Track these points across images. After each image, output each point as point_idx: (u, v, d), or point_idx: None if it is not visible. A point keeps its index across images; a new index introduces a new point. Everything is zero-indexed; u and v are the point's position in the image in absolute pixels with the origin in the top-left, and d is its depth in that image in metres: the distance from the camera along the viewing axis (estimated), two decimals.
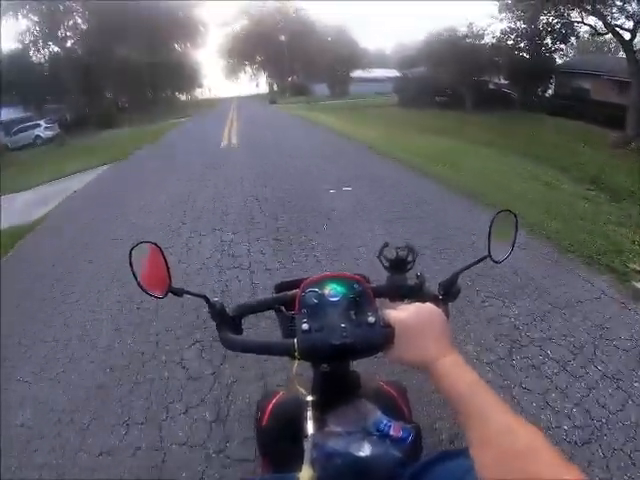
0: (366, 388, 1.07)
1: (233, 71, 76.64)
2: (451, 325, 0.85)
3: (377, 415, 0.92)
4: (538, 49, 27.46)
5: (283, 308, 1.03)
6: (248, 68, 76.21)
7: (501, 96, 29.68)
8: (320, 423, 0.92)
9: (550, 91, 29.32)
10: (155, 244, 0.95)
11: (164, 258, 0.95)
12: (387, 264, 1.10)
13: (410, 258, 1.09)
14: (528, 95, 28.98)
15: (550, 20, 26.74)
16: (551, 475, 0.55)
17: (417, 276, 1.09)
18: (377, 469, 0.83)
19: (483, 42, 28.66)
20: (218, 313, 0.98)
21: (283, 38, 58.56)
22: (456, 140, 13.93)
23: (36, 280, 5.12)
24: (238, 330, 1.02)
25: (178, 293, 0.95)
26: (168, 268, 0.95)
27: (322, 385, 1.00)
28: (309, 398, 0.98)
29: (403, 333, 0.81)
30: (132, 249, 0.92)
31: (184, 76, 52.58)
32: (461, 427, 0.67)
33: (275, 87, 71.41)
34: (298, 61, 63.82)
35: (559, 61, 29.05)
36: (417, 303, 0.86)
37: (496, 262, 1.03)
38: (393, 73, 67.29)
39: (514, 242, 1.05)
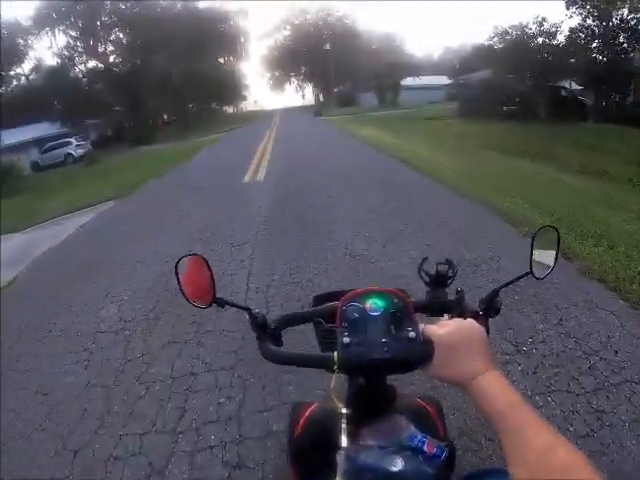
0: (401, 403, 1.06)
1: (279, 83, 74.81)
2: (491, 341, 0.84)
3: (411, 430, 0.90)
4: (613, 49, 23.75)
5: (322, 321, 1.00)
6: (294, 79, 74.20)
7: (575, 104, 25.84)
8: (354, 436, 0.91)
9: (630, 98, 25.43)
10: (201, 256, 0.98)
11: (209, 269, 0.96)
12: (427, 279, 1.08)
13: (450, 273, 1.07)
14: (605, 103, 25.22)
15: (624, 16, 23.51)
16: None
17: (457, 291, 1.06)
18: None
19: (555, 42, 24.88)
20: (259, 325, 0.96)
21: (328, 47, 55.77)
22: (553, 167, 10.70)
23: None
24: (278, 342, 0.99)
25: (221, 304, 0.96)
26: (213, 280, 0.96)
27: (357, 398, 1.00)
28: (344, 411, 0.97)
29: (443, 349, 0.79)
30: (178, 262, 0.96)
31: (227, 89, 50.74)
32: (500, 445, 0.66)
33: (321, 98, 69.01)
34: (344, 71, 61.09)
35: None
36: (457, 319, 0.87)
37: (538, 279, 1.03)
38: (444, 80, 64.76)
39: (557, 259, 1.04)
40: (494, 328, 0.97)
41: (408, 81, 51.47)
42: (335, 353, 0.84)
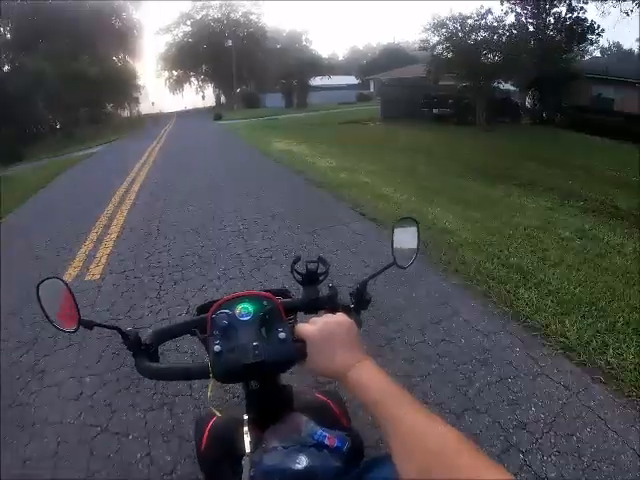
0: (300, 401, 1.06)
1: (178, 83, 67.66)
2: (364, 333, 0.88)
3: (311, 426, 0.91)
4: (548, 49, 21.17)
5: (198, 331, 0.99)
6: (194, 79, 67.55)
7: (510, 107, 23.29)
8: (257, 441, 0.91)
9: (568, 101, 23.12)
10: (60, 279, 0.94)
11: (70, 292, 0.92)
12: (299, 278, 1.09)
13: (321, 270, 1.09)
14: (541, 106, 23.05)
15: (562, 14, 21.46)
16: (468, 474, 0.54)
17: (329, 287, 1.08)
18: None
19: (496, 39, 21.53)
20: (133, 343, 0.93)
21: (230, 43, 50.40)
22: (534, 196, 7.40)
23: None
24: (154, 357, 0.96)
25: (88, 326, 0.91)
26: (75, 302, 0.91)
27: (254, 402, 0.99)
28: (245, 417, 0.97)
29: (315, 346, 0.81)
30: (38, 286, 0.90)
31: (119, 90, 43.72)
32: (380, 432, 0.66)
33: (222, 99, 63.19)
34: (247, 70, 56.22)
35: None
36: (329, 314, 0.88)
37: (402, 268, 1.07)
38: (352, 80, 61.73)
39: (418, 248, 1.08)
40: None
41: (316, 81, 47.55)
42: (208, 362, 0.83)
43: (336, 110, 33.99)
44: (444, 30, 21.32)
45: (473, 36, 20.96)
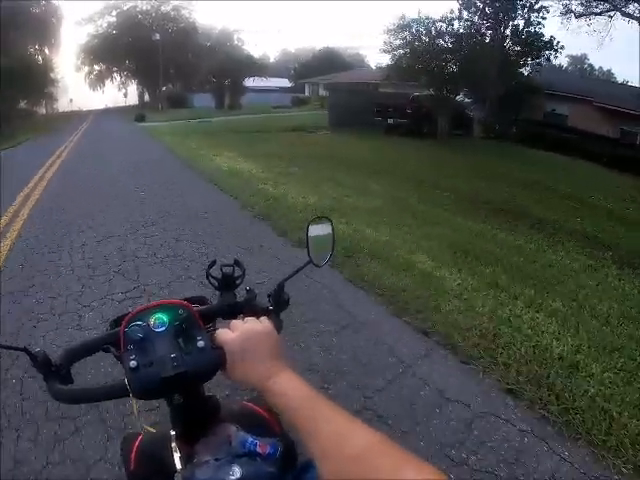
0: (227, 410, 1.02)
1: (99, 78, 61.66)
2: (283, 336, 0.87)
3: (241, 436, 0.89)
4: (505, 61, 20.08)
5: (112, 348, 0.90)
6: (116, 75, 61.78)
7: (466, 119, 21.82)
8: (188, 455, 0.87)
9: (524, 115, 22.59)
10: None
11: None
12: (215, 283, 1.04)
13: (237, 274, 1.05)
14: (496, 119, 21.73)
15: (520, 27, 20.67)
16: (389, 475, 0.54)
17: (247, 291, 1.05)
18: None
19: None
20: (42, 364, 0.83)
21: (157, 37, 46.04)
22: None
23: None
24: (67, 379, 0.87)
25: None
26: None
27: (180, 417, 0.92)
28: (172, 432, 0.90)
29: (234, 354, 0.79)
30: None
31: (33, 84, 38.01)
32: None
33: (147, 97, 58.29)
34: (175, 67, 51.84)
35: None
36: (248, 319, 0.86)
37: (318, 266, 1.08)
38: (286, 83, 59.08)
39: (333, 246, 1.10)
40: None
41: (249, 82, 44.40)
42: (125, 380, 0.79)
43: (273, 115, 31.09)
44: (407, 33, 19.24)
45: (440, 42, 19.06)
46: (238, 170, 9.84)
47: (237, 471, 0.81)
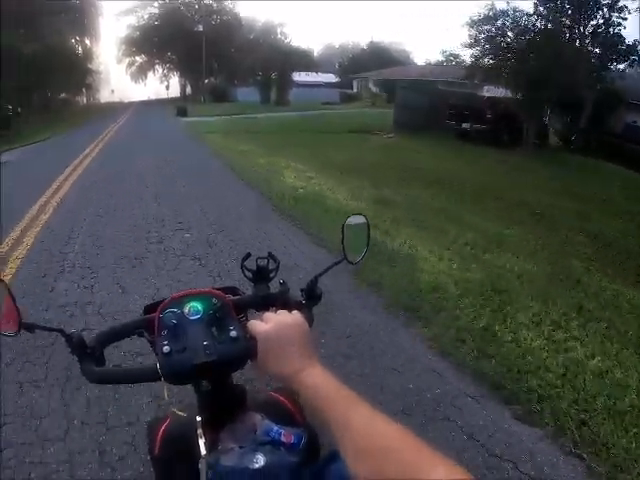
0: (253, 399, 1.03)
1: (140, 70, 60.14)
2: (314, 330, 0.84)
3: (266, 425, 0.89)
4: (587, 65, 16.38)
5: (145, 332, 0.92)
6: (158, 67, 60.03)
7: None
8: (212, 442, 0.87)
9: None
10: (1, 280, 0.85)
11: (10, 293, 0.83)
12: (250, 275, 1.04)
13: (272, 267, 1.05)
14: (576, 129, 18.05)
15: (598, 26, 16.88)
16: (418, 471, 0.53)
17: (280, 284, 1.03)
18: (274, 478, 0.81)
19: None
20: (77, 346, 0.84)
21: (200, 28, 43.78)
22: None
23: None
24: (100, 361, 0.88)
25: (30, 329, 0.84)
26: (15, 303, 0.83)
27: (207, 404, 0.93)
28: (197, 418, 0.90)
29: (266, 345, 0.78)
30: None
31: (68, 74, 36.20)
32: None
33: (188, 90, 56.23)
34: (218, 60, 49.83)
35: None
36: (281, 312, 0.84)
37: (352, 263, 1.06)
38: (332, 78, 56.08)
39: (368, 244, 1.07)
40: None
41: (296, 77, 41.43)
42: (157, 364, 0.79)
43: (324, 112, 28.07)
44: (490, 26, 16.11)
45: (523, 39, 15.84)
46: (318, 194, 6.98)
47: (261, 459, 0.80)
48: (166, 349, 0.80)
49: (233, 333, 0.83)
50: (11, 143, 16.48)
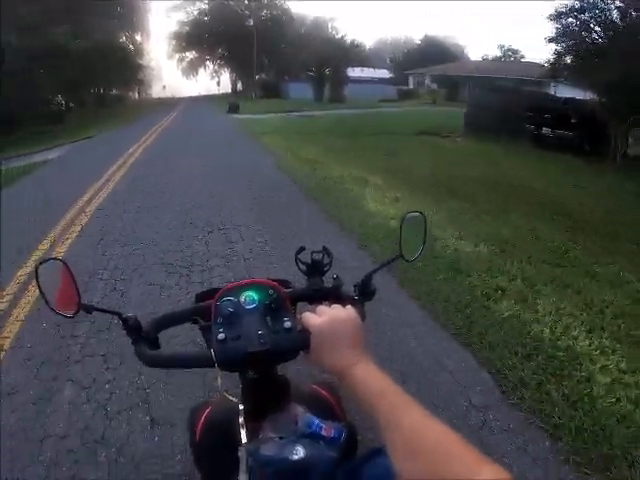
0: (297, 392, 1.00)
1: (191, 66, 59.71)
2: (366, 326, 0.82)
3: (308, 417, 0.88)
4: None
5: (200, 319, 0.93)
6: (209, 63, 59.38)
7: None
8: (253, 431, 0.88)
9: None
10: (62, 260, 0.85)
11: (71, 274, 0.84)
12: (304, 268, 1.04)
13: (326, 261, 1.04)
14: None
15: None
16: (466, 474, 0.53)
17: (334, 278, 1.02)
18: (312, 470, 0.79)
19: None
20: (133, 329, 0.85)
21: (251, 23, 42.43)
22: None
23: None
24: (155, 345, 0.89)
25: (89, 310, 0.84)
26: (76, 284, 0.84)
27: (251, 393, 0.94)
28: (240, 407, 0.93)
29: (319, 338, 0.78)
30: (37, 268, 0.83)
31: (116, 70, 35.75)
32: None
33: (239, 86, 55.15)
34: (269, 55, 48.74)
35: None
36: (335, 306, 0.83)
37: (408, 261, 1.03)
38: (385, 74, 53.76)
39: (425, 241, 1.03)
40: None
41: (350, 72, 39.30)
42: (212, 350, 0.79)
43: (383, 110, 25.95)
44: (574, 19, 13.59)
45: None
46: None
47: (300, 451, 0.79)
48: (221, 336, 0.80)
49: (287, 324, 0.82)
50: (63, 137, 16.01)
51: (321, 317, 0.79)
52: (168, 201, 6.48)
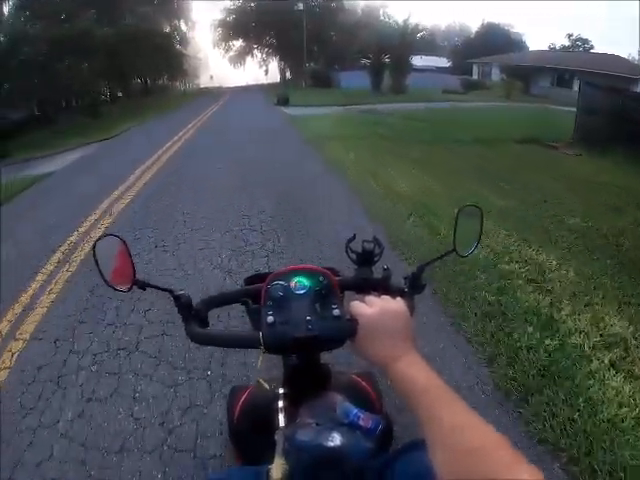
0: (336, 380, 1.01)
1: (238, 55, 57.02)
2: (415, 319, 0.80)
3: (346, 406, 0.86)
4: None
5: (250, 301, 0.93)
6: (256, 51, 56.55)
7: None
8: (291, 415, 0.87)
9: None
10: (119, 237, 0.87)
11: (128, 251, 0.86)
12: (354, 257, 1.01)
13: (377, 251, 1.01)
14: None
15: None
16: (505, 474, 0.52)
17: (384, 269, 1.00)
18: (347, 459, 0.78)
19: None
20: (184, 306, 0.87)
21: (301, 7, 39.20)
22: None
23: None
24: (204, 323, 0.90)
25: (142, 286, 0.86)
26: (132, 261, 0.86)
27: (292, 378, 0.96)
28: (280, 391, 0.93)
29: (366, 328, 0.76)
30: (96, 243, 0.85)
31: (169, 59, 34.92)
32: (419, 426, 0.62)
33: (288, 74, 51.95)
34: (319, 43, 45.95)
35: None
36: (384, 297, 0.80)
37: (462, 256, 0.99)
38: (444, 62, 49.35)
39: (480, 236, 0.98)
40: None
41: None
42: (260, 332, 0.79)
43: (456, 104, 21.87)
44: None
45: None
46: None
47: (337, 438, 0.78)
48: (270, 319, 0.79)
49: (336, 311, 0.81)
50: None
51: (371, 307, 0.77)
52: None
